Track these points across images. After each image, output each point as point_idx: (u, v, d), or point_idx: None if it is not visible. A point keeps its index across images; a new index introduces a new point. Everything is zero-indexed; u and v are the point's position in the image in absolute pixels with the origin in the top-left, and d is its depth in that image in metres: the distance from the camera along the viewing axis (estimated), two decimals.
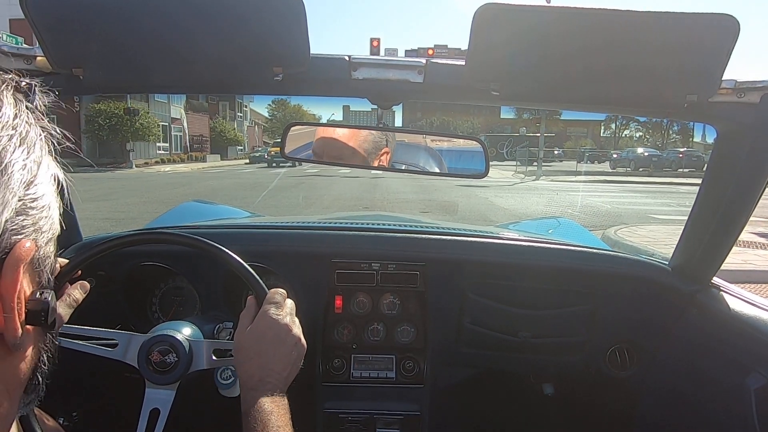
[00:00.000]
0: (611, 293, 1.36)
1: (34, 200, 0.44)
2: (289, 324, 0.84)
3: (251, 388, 0.78)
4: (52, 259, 0.48)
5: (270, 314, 0.84)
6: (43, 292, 0.46)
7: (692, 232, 1.19)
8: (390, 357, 1.42)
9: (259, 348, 0.81)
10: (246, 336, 0.83)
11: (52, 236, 0.47)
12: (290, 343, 0.83)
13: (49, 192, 0.46)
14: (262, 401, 0.75)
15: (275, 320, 0.83)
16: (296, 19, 0.81)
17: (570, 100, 0.93)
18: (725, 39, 0.78)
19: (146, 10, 0.81)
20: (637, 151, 30.10)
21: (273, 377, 0.79)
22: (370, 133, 1.09)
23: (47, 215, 0.46)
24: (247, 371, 0.80)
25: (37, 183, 0.44)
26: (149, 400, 0.93)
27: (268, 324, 0.83)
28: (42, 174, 0.45)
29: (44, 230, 0.45)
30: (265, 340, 0.82)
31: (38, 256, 0.46)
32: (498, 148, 35.26)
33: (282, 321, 0.83)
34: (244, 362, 0.81)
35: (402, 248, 1.38)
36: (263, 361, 0.80)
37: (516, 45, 0.83)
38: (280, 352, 0.81)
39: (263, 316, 0.84)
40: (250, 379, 0.79)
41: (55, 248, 0.49)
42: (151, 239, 1.10)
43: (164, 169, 24.20)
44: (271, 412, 0.74)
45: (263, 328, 0.83)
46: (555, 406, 1.54)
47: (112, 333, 0.97)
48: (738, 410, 1.05)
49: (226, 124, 39.70)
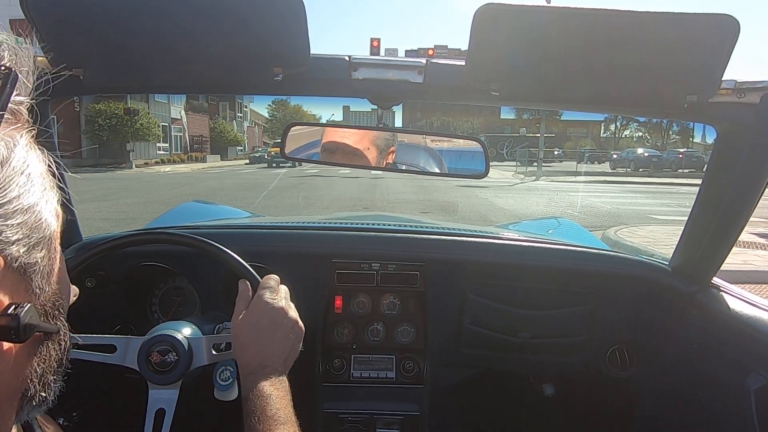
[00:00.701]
0: (611, 293, 1.36)
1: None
2: (284, 307, 0.84)
3: (250, 372, 0.78)
4: (46, 261, 0.44)
5: (265, 299, 0.84)
6: (18, 306, 0.40)
7: (692, 233, 1.19)
8: (390, 357, 1.41)
9: (256, 333, 0.81)
10: (242, 322, 0.84)
11: (38, 240, 0.42)
12: (287, 326, 0.83)
13: (27, 193, 0.41)
14: (262, 385, 0.75)
15: (271, 304, 0.83)
16: (296, 20, 0.81)
17: (570, 100, 0.93)
18: (725, 39, 0.78)
19: (147, 10, 0.81)
20: (637, 151, 30.06)
21: (272, 361, 0.79)
22: (381, 133, 1.09)
23: (22, 221, 0.40)
24: (245, 356, 0.80)
25: None
26: (153, 400, 0.93)
27: (264, 308, 0.83)
28: (9, 175, 0.39)
29: (16, 239, 0.40)
30: (262, 324, 0.82)
31: (18, 265, 0.41)
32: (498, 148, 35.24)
33: (277, 305, 0.84)
34: (242, 348, 0.82)
35: (402, 248, 1.38)
36: (261, 346, 0.80)
37: (516, 45, 0.83)
38: (278, 335, 0.82)
39: (258, 301, 0.84)
40: (249, 364, 0.79)
41: (50, 250, 0.45)
42: (151, 239, 1.10)
43: (164, 170, 24.15)
44: (270, 396, 0.74)
45: (259, 313, 0.83)
46: (555, 406, 1.54)
47: (110, 338, 0.97)
48: (738, 410, 1.05)
49: (226, 125, 39.65)
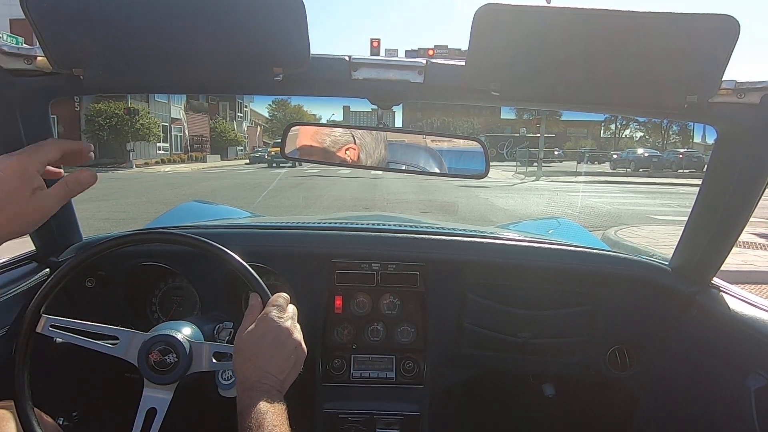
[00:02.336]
0: (611, 294, 1.36)
1: None
2: (290, 328, 0.84)
3: (247, 388, 0.77)
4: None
5: (272, 317, 0.84)
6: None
7: (692, 233, 1.19)
8: (390, 357, 1.41)
9: (257, 349, 0.81)
10: (246, 337, 0.83)
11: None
12: (290, 347, 0.83)
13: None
14: (258, 402, 0.75)
15: (276, 323, 0.83)
16: (296, 20, 0.81)
17: (570, 100, 0.93)
18: (725, 40, 0.78)
19: (147, 10, 0.81)
20: (637, 151, 29.98)
21: (269, 379, 0.79)
22: (380, 133, 1.08)
23: None
24: (244, 372, 0.80)
25: None
26: (146, 399, 0.93)
27: (269, 326, 0.83)
28: None
29: None
30: (265, 342, 0.82)
31: None
32: (498, 148, 35.22)
33: (283, 324, 0.84)
34: (242, 363, 0.81)
35: (402, 248, 1.38)
36: (260, 363, 0.80)
37: (516, 45, 0.83)
38: (279, 355, 0.81)
39: (264, 319, 0.84)
40: (247, 380, 0.79)
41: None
42: (151, 239, 1.10)
43: (164, 170, 24.10)
44: (266, 413, 0.73)
45: (264, 330, 0.83)
46: (555, 406, 1.54)
47: (115, 330, 0.97)
48: (738, 411, 1.05)
49: (226, 125, 39.62)
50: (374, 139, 1.09)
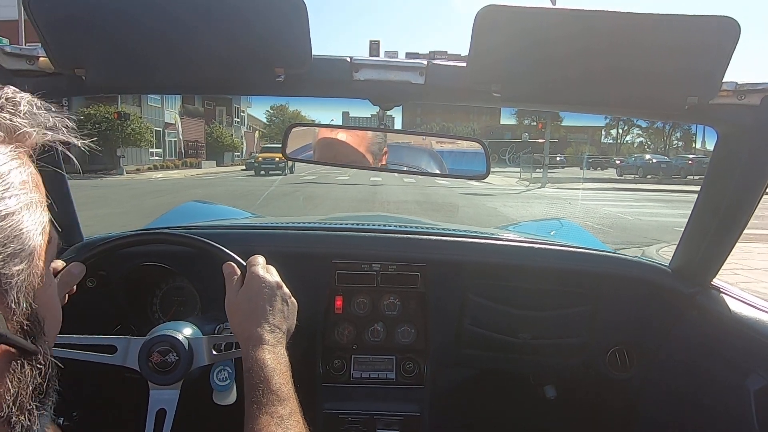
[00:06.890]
0: (611, 294, 1.36)
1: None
2: (278, 281, 0.88)
3: (252, 345, 0.78)
4: (25, 276, 0.43)
5: (259, 273, 0.87)
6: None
7: (692, 234, 1.19)
8: (390, 358, 1.41)
9: (254, 305, 0.83)
10: (239, 297, 0.85)
11: (16, 251, 0.42)
12: (282, 298, 0.86)
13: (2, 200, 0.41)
14: (264, 357, 0.76)
15: (266, 278, 0.86)
16: (298, 20, 0.81)
17: (571, 101, 0.93)
18: (726, 41, 0.78)
19: (149, 10, 0.81)
20: (644, 157, 29.21)
21: (272, 332, 0.81)
22: (375, 134, 1.09)
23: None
24: (246, 330, 0.81)
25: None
26: (154, 401, 0.93)
27: (260, 282, 0.86)
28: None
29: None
30: (261, 297, 0.84)
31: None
32: (500, 154, 35.20)
33: (272, 279, 0.87)
34: (242, 322, 0.83)
35: (402, 249, 1.38)
36: (261, 317, 0.82)
37: (517, 46, 0.84)
38: (276, 306, 0.84)
39: (253, 277, 0.86)
40: (251, 337, 0.80)
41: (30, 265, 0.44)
42: (152, 239, 1.10)
43: (156, 176, 23.50)
44: (274, 369, 0.75)
45: (256, 286, 0.85)
46: (555, 407, 1.53)
47: (110, 339, 0.97)
48: (738, 411, 1.05)
49: (222, 130, 39.08)
50: (379, 140, 1.10)
